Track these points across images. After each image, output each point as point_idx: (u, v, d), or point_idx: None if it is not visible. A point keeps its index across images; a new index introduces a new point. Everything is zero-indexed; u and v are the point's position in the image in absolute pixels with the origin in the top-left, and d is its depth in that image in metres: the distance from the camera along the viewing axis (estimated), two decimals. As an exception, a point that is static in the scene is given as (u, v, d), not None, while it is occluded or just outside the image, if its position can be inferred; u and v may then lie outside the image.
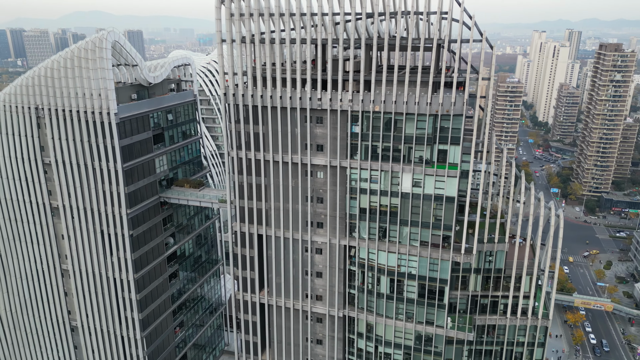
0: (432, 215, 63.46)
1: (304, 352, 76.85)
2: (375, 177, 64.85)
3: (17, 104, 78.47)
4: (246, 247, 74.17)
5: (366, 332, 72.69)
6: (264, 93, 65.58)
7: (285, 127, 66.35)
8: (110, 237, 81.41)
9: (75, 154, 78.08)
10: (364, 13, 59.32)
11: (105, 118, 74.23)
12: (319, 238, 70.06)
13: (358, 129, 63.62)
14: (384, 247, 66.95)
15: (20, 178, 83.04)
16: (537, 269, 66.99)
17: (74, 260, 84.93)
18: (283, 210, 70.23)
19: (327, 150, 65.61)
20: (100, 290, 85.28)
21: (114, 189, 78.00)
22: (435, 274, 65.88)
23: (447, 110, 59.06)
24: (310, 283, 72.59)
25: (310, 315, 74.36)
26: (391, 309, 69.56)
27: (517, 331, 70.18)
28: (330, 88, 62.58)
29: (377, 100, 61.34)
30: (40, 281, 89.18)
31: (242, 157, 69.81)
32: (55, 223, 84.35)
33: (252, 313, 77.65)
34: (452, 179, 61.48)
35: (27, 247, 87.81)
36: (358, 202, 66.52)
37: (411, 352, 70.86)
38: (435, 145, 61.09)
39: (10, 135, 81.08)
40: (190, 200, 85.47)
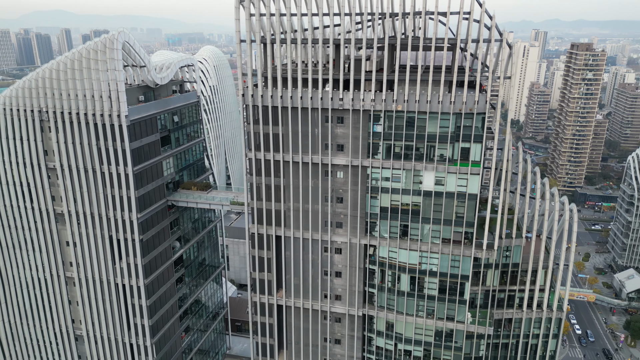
0: (454, 212, 64.39)
1: (322, 353, 76.78)
2: (396, 176, 65.38)
3: (20, 107, 75.73)
4: (263, 249, 73.58)
5: (386, 330, 73.14)
6: (284, 94, 65.28)
7: (305, 127, 66.19)
8: (120, 243, 79.46)
9: (82, 158, 75.94)
10: (388, 13, 59.86)
11: (116, 120, 72.48)
12: (338, 238, 70.16)
13: (380, 128, 64.01)
14: (405, 245, 67.55)
15: (22, 184, 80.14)
16: (552, 262, 68.96)
17: (79, 267, 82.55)
18: (302, 210, 70.02)
19: (349, 150, 65.78)
20: (108, 298, 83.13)
21: (123, 193, 76.17)
22: (456, 271, 66.86)
23: (470, 109, 60.07)
24: (329, 283, 72.59)
25: (329, 315, 74.35)
26: (411, 306, 70.22)
27: (533, 323, 71.95)
28: (352, 88, 62.77)
29: (399, 99, 61.87)
30: (42, 290, 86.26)
31: (260, 158, 69.29)
32: (60, 229, 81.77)
33: (269, 315, 77.07)
34: (474, 176, 62.55)
35: (29, 255, 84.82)
36: (379, 201, 66.92)
37: (431, 348, 71.73)
38: (457, 144, 62.01)
39: (11, 139, 78.16)
40: (200, 202, 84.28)
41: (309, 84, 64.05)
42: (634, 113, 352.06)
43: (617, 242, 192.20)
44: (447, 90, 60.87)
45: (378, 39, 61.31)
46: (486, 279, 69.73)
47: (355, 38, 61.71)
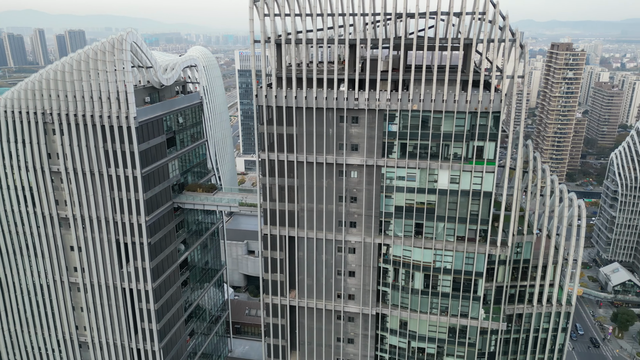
0: (468, 210, 65.19)
1: (335, 352, 76.85)
2: (411, 175, 65.87)
3: (22, 109, 73.88)
4: (276, 250, 73.31)
5: (399, 328, 73.61)
6: (299, 94, 65.16)
7: (320, 127, 66.18)
8: (127, 247, 78.19)
9: (89, 161, 74.47)
10: (405, 14, 60.29)
11: (124, 122, 71.33)
12: (352, 237, 70.34)
13: (395, 127, 64.41)
14: (420, 243, 68.10)
15: (24, 188, 78.19)
16: (562, 258, 70.39)
17: (85, 272, 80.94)
18: (316, 211, 69.98)
19: (364, 150, 66.00)
20: (114, 303, 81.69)
21: (131, 196, 74.99)
22: (470, 268, 67.70)
23: (486, 108, 60.92)
24: (343, 283, 72.70)
25: (343, 315, 74.46)
26: (425, 304, 70.84)
27: (542, 318, 73.31)
28: (368, 87, 63.00)
29: (415, 98, 62.37)
30: (45, 296, 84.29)
31: (273, 159, 69.00)
32: (64, 234, 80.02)
33: (281, 316, 76.80)
34: (489, 174, 63.44)
35: (31, 261, 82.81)
36: (393, 200, 67.35)
37: (444, 345, 72.47)
38: (472, 142, 62.79)
39: (13, 142, 76.19)
40: (207, 204, 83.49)
41: (324, 84, 64.02)
42: (610, 111, 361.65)
43: (602, 237, 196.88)
44: (461, 90, 61.55)
45: (393, 39, 61.68)
46: (497, 275, 70.71)
47: (370, 38, 61.89)
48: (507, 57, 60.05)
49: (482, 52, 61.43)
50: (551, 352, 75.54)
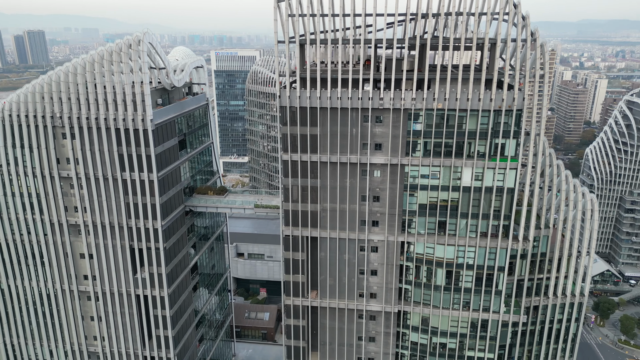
0: (492, 206, 66.57)
1: (357, 351, 77.08)
2: (435, 173, 66.75)
3: (29, 113, 71.10)
4: (298, 251, 73.03)
5: (421, 325, 74.46)
6: (322, 94, 65.12)
7: (344, 127, 66.31)
8: (142, 252, 76.33)
9: (102, 166, 72.35)
10: (430, 14, 61.03)
11: (140, 125, 69.64)
12: (375, 236, 70.76)
13: (419, 126, 65.16)
14: (443, 240, 69.10)
15: (31, 195, 75.25)
16: (576, 250, 72.73)
17: (96, 280, 78.54)
18: (339, 211, 70.07)
19: (388, 149, 66.49)
20: (127, 310, 79.55)
21: (147, 201, 73.25)
22: (492, 262, 69.11)
23: (509, 106, 62.37)
24: (365, 282, 73.02)
25: (365, 314, 74.78)
26: (447, 300, 71.95)
27: (557, 309, 75.46)
28: (393, 87, 63.52)
29: (439, 97, 63.25)
30: (53, 306, 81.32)
31: (297, 159, 68.71)
32: (73, 241, 77.43)
33: (303, 317, 76.51)
34: (512, 170, 64.94)
35: (38, 270, 79.77)
36: (417, 198, 68.10)
37: (466, 340, 73.76)
38: (495, 140, 64.12)
39: (19, 148, 73.28)
40: (220, 207, 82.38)
41: (348, 84, 64.19)
42: (575, 108, 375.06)
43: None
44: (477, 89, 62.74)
45: (413, 39, 62.36)
46: (514, 269, 72.42)
47: (396, 38, 62.41)
48: (527, 56, 61.60)
49: (507, 52, 62.70)
50: (564, 342, 77.86)
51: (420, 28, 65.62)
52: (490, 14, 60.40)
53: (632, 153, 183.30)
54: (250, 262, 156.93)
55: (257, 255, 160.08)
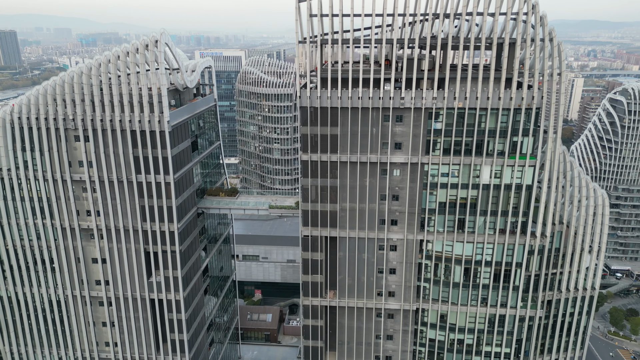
0: (511, 204, 67.68)
1: (375, 350, 77.43)
2: (454, 171, 67.52)
3: (40, 116, 69.35)
4: (316, 251, 73.01)
5: (439, 322, 75.19)
6: (342, 94, 65.25)
7: (365, 127, 66.61)
8: (157, 256, 75.21)
9: (116, 168, 71.04)
10: (452, 14, 61.76)
11: (157, 127, 68.64)
12: (394, 235, 71.21)
13: (440, 125, 65.83)
14: (462, 237, 69.97)
15: (42, 199, 73.39)
16: (588, 245, 74.37)
17: (109, 285, 77.05)
18: (359, 210, 70.31)
19: (408, 148, 67.01)
20: (141, 315, 78.31)
21: (163, 203, 72.24)
22: (510, 259, 70.31)
23: (528, 104, 63.52)
24: (384, 280, 73.41)
25: (384, 312, 75.16)
26: (465, 296, 72.88)
27: (569, 303, 77.04)
28: (414, 86, 64.00)
29: (460, 96, 64.02)
30: (63, 313, 79.46)
31: (316, 159, 68.68)
32: (85, 246, 75.84)
33: (321, 317, 76.50)
34: (530, 168, 66.16)
35: (47, 276, 77.88)
36: (436, 196, 68.77)
37: (483, 335, 74.83)
38: (514, 138, 65.17)
39: (29, 151, 71.36)
40: (234, 208, 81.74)
41: (370, 84, 64.48)
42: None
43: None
44: (497, 87, 63.76)
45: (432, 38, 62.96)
46: (529, 264, 73.70)
47: (418, 38, 62.94)
48: (545, 55, 62.80)
49: (526, 51, 63.76)
50: (576, 335, 79.57)
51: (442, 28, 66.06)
52: (510, 14, 61.51)
53: (616, 149, 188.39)
54: (245, 264, 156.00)
55: (252, 257, 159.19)
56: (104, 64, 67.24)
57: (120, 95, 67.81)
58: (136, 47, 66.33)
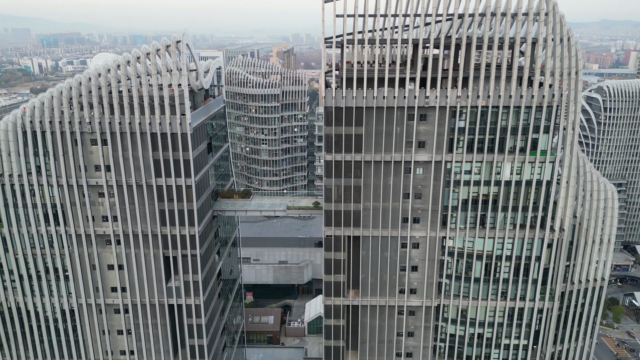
0: (531, 199, 69.50)
1: (396, 347, 78.12)
2: (476, 169, 68.83)
3: (54, 119, 67.06)
4: (339, 251, 73.18)
5: (460, 317, 76.51)
6: (368, 94, 65.65)
7: (390, 126, 67.18)
8: (177, 260, 73.86)
9: (135, 172, 69.40)
10: (477, 14, 62.94)
11: (178, 129, 67.43)
12: (416, 233, 72.05)
13: (463, 123, 67.00)
14: (483, 233, 71.42)
15: (56, 205, 71.03)
16: (599, 238, 77.01)
17: (126, 292, 75.16)
18: (382, 209, 70.84)
19: (432, 146, 67.94)
20: (159, 321, 76.70)
21: (184, 207, 70.97)
22: (529, 253, 72.20)
23: (549, 102, 65.40)
24: (407, 278, 74.18)
25: (406, 310, 75.90)
26: (485, 291, 74.38)
27: (581, 294, 79.62)
28: (439, 85, 64.94)
29: (483, 95, 65.33)
30: (77, 322, 77.04)
31: (340, 159, 68.84)
32: (100, 253, 73.76)
33: (342, 317, 76.68)
34: (550, 164, 68.10)
35: (60, 285, 75.40)
36: (459, 193, 69.98)
37: (503, 328, 76.48)
38: (533, 135, 66.95)
39: (42, 156, 68.96)
40: (250, 210, 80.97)
41: (395, 83, 65.08)
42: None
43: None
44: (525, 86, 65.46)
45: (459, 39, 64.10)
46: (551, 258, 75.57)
47: (443, 37, 63.89)
48: (564, 54, 64.76)
49: (547, 51, 65.53)
50: (586, 324, 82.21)
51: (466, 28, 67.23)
52: (531, 15, 63.12)
53: (592, 145, 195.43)
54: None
55: (243, 259, 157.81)
56: (122, 65, 65.63)
57: (140, 97, 66.28)
58: (157, 47, 64.99)
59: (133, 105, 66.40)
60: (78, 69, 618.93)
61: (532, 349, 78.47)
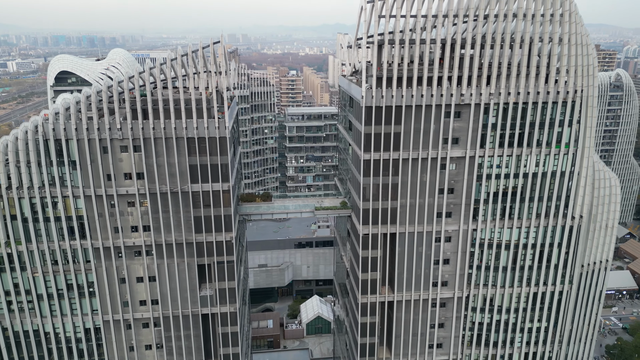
0: (555, 189, 73.70)
1: (429, 339, 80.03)
2: (504, 162, 72.00)
3: (80, 126, 62.87)
4: (376, 249, 74.04)
5: (483, 305, 79.62)
6: (406, 93, 66.94)
7: (427, 124, 68.83)
8: (211, 268, 71.55)
9: (169, 178, 66.53)
10: (510, 15, 65.92)
11: (216, 132, 65.47)
12: (449, 227, 74.27)
13: (494, 119, 69.93)
14: (510, 224, 74.87)
15: (82, 218, 66.59)
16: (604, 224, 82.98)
17: (156, 304, 71.81)
18: (418, 205, 72.42)
19: (466, 142, 70.34)
20: (192, 332, 73.91)
21: (220, 212, 68.95)
22: (551, 240, 76.53)
23: (573, 98, 69.71)
24: (440, 271, 76.24)
25: (439, 302, 77.98)
26: (511, 279, 77.99)
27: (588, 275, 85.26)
28: (475, 83, 67.38)
29: (513, 92, 68.54)
30: (102, 341, 72.54)
31: (378, 158, 69.66)
32: (129, 265, 69.99)
33: (378, 314, 77.54)
34: (571, 156, 72.56)
35: (84, 303, 70.74)
36: (487, 186, 72.90)
37: (527, 313, 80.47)
38: (556, 129, 71.05)
39: (66, 166, 64.40)
40: (276, 213, 79.87)
41: (433, 82, 66.82)
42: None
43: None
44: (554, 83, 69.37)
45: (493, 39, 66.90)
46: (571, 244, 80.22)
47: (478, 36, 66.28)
48: (583, 52, 69.28)
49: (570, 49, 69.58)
50: (592, 304, 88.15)
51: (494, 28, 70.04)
52: (557, 16, 66.94)
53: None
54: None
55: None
56: (157, 67, 62.79)
57: (176, 101, 63.72)
58: (194, 49, 62.77)
59: (169, 109, 63.67)
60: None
61: (552, 330, 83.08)
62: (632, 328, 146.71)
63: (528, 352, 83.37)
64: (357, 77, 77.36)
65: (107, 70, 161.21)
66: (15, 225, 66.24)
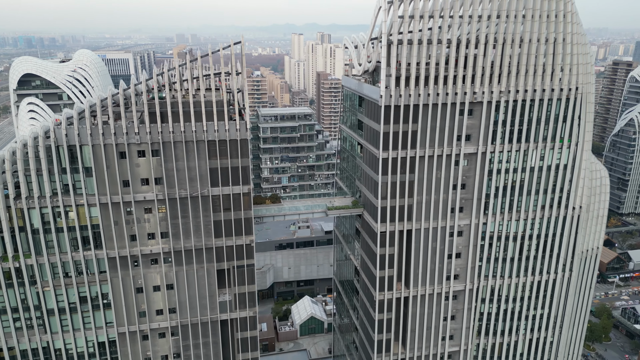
0: (558, 182, 77.19)
1: (442, 331, 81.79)
2: (512, 157, 74.75)
3: (96, 131, 60.16)
4: (393, 246, 74.99)
5: (491, 296, 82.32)
6: (423, 92, 68.27)
7: (443, 122, 70.42)
8: (231, 273, 70.15)
9: (189, 183, 64.74)
10: (520, 15, 68.44)
11: (237, 135, 64.38)
12: (461, 221, 76.28)
13: (504, 116, 72.48)
14: (516, 216, 77.80)
15: (98, 226, 63.63)
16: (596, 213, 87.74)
17: (174, 312, 69.65)
18: (433, 201, 73.95)
19: (478, 139, 72.51)
20: (211, 339, 72.17)
21: (240, 215, 67.79)
22: (554, 230, 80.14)
23: (575, 95, 73.32)
24: (453, 265, 78.13)
25: (451, 295, 79.88)
26: (516, 269, 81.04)
27: (581, 262, 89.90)
28: (488, 82, 69.57)
29: (521, 90, 71.31)
30: (117, 354, 69.52)
31: (396, 156, 70.62)
32: (145, 274, 67.52)
33: (393, 310, 78.51)
34: (572, 149, 76.26)
35: (97, 316, 67.57)
36: (496, 181, 75.42)
37: (531, 301, 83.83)
38: (559, 124, 74.56)
39: (81, 172, 61.38)
40: (288, 214, 79.21)
41: (448, 81, 68.46)
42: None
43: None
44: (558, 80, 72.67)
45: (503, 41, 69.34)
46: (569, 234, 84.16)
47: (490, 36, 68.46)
48: (583, 51, 73.03)
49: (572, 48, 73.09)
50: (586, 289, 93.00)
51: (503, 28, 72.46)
52: (561, 16, 70.22)
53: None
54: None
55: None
56: (177, 68, 60.96)
57: (196, 103, 62.08)
58: (214, 51, 61.38)
59: (189, 112, 61.94)
60: None
61: (554, 316, 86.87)
62: (597, 310, 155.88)
63: (532, 338, 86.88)
64: (365, 77, 78.06)
65: (74, 72, 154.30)
66: (24, 237, 62.46)
